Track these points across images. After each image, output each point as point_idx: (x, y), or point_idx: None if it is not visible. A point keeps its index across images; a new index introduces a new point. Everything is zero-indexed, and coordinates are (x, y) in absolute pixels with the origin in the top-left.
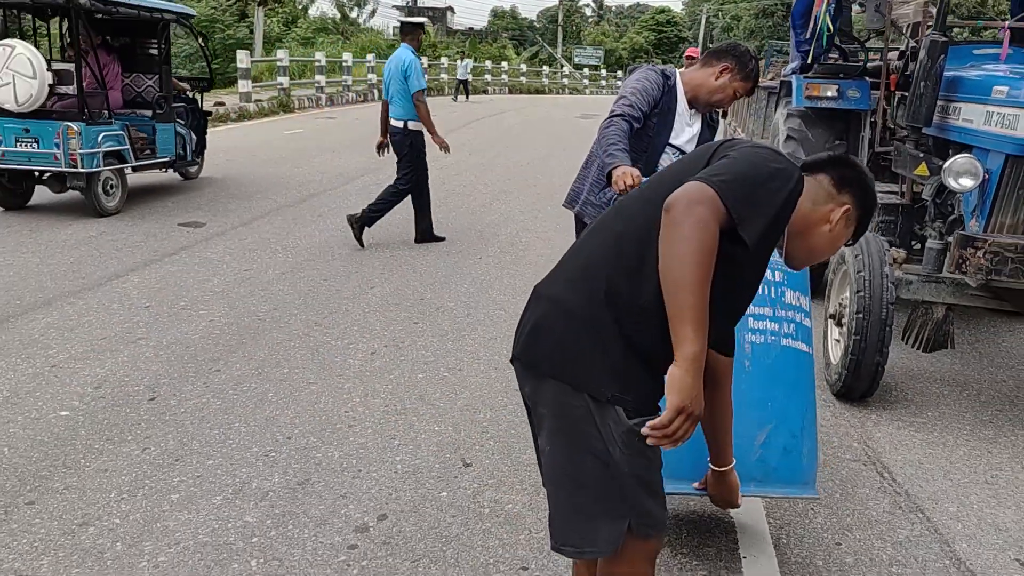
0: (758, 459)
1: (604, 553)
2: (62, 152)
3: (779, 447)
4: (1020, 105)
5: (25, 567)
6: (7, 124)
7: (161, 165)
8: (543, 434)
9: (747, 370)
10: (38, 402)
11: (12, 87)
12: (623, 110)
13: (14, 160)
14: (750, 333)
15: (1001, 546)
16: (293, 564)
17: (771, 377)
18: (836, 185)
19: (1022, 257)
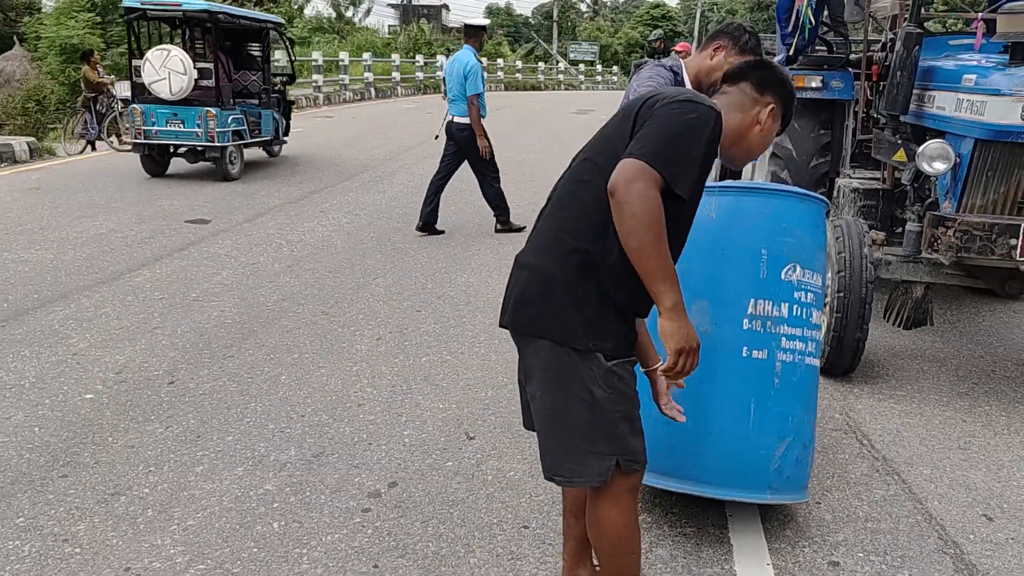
0: (775, 470)
1: (593, 483)
2: (203, 130)
3: (793, 458)
4: (987, 92)
5: (64, 531)
6: (160, 109)
7: (264, 142)
8: (532, 383)
9: (775, 387)
10: (63, 386)
11: (168, 81)
12: None
13: (164, 137)
14: (781, 352)
15: (970, 503)
16: (312, 526)
17: (794, 394)
18: (758, 89)
19: (989, 235)
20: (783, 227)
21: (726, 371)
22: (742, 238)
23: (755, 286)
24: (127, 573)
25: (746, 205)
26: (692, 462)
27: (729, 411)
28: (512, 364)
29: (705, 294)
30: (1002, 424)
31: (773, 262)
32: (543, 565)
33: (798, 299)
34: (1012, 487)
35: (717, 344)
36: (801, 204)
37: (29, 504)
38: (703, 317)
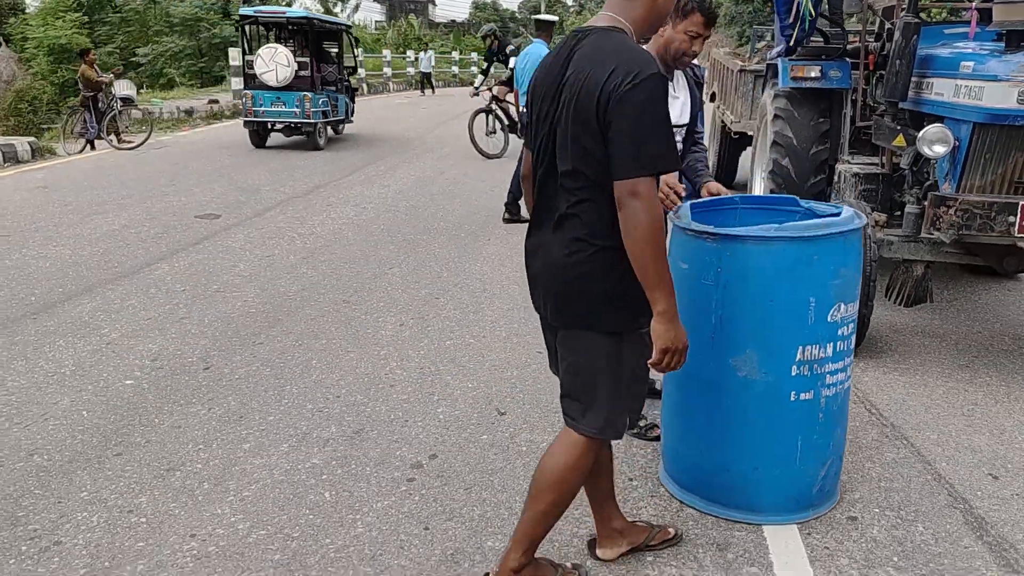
0: (817, 491)
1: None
2: (300, 111)
3: (833, 473)
4: (984, 78)
5: (127, 503)
6: (265, 94)
7: (339, 121)
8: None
9: (819, 421)
10: (103, 373)
11: (275, 72)
12: None
13: (268, 116)
14: (825, 388)
15: (976, 464)
16: (361, 495)
17: (836, 420)
18: None
19: (988, 213)
20: (831, 271)
21: (774, 416)
22: (791, 288)
23: (803, 334)
24: (193, 539)
25: (792, 254)
26: (742, 495)
27: (777, 452)
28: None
29: (753, 344)
30: (1002, 393)
31: (820, 307)
32: (581, 524)
33: (841, 335)
34: (1015, 449)
35: (765, 391)
36: (845, 241)
37: (90, 480)
38: (751, 367)
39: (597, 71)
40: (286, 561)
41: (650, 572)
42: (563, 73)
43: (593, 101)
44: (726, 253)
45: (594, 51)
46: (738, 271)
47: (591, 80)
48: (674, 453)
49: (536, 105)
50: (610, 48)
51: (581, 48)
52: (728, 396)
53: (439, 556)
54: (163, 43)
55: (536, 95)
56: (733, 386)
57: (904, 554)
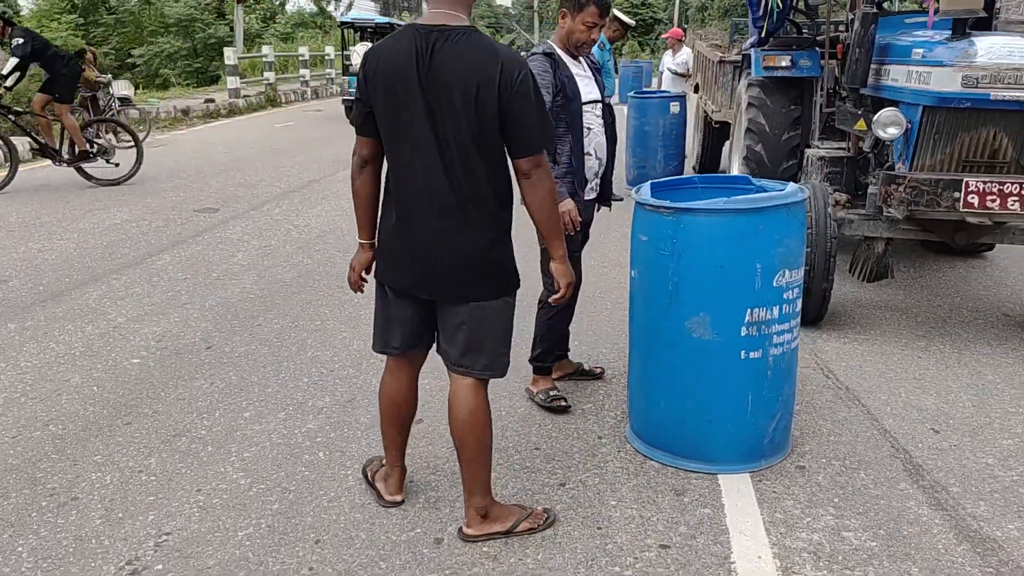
0: (768, 442)
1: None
2: None
3: (783, 427)
4: (932, 64)
5: (137, 464)
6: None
7: None
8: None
9: (768, 378)
10: (111, 353)
11: None
12: None
13: None
14: (773, 348)
15: (920, 420)
16: (353, 454)
17: (783, 377)
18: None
19: (935, 190)
20: (775, 239)
21: (726, 373)
22: (738, 256)
23: (751, 297)
24: (199, 493)
25: (740, 225)
26: (699, 447)
27: (730, 406)
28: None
29: (706, 308)
30: (953, 359)
31: (766, 273)
32: (552, 476)
33: (786, 298)
34: (958, 407)
35: (718, 351)
36: (788, 213)
37: (103, 445)
38: (704, 329)
39: (489, 67)
40: (284, 510)
41: (613, 514)
42: (426, 66)
43: (493, 94)
44: (680, 225)
45: (471, 49)
46: (691, 241)
47: (485, 75)
48: (638, 412)
49: (389, 102)
50: (487, 46)
51: (448, 45)
52: (684, 356)
53: (423, 503)
54: (158, 44)
55: (385, 85)
56: (689, 347)
57: (844, 496)
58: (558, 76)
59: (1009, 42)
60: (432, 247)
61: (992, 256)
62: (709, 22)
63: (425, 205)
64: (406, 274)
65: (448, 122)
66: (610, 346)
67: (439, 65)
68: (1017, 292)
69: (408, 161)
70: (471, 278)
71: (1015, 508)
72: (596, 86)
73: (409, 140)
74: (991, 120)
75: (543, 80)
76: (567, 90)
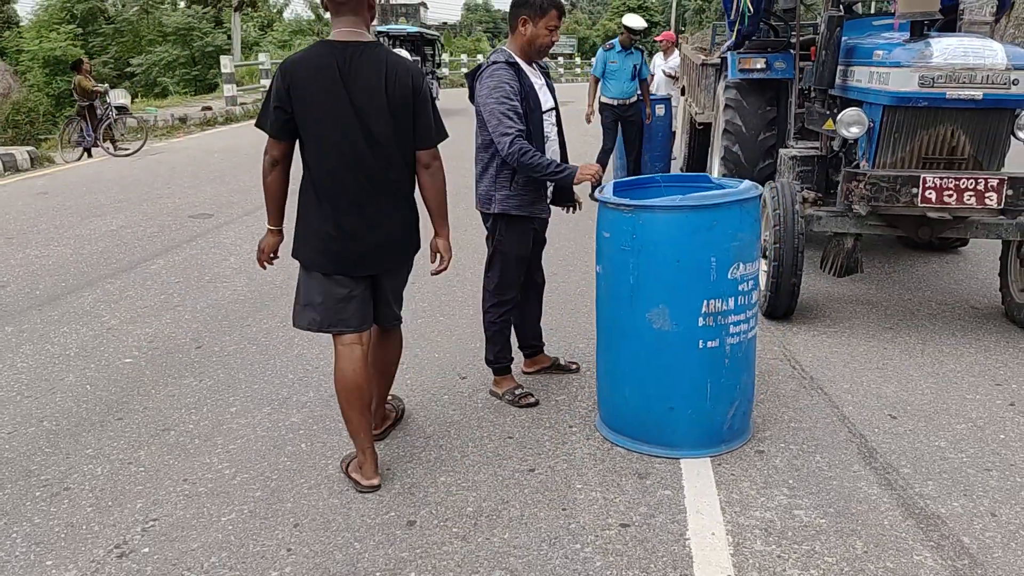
0: (727, 428)
1: None
2: None
3: (741, 413)
4: (891, 65)
5: (127, 457)
6: None
7: None
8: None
9: (726, 366)
10: (105, 353)
11: None
12: (514, 131)
13: None
14: (730, 337)
15: (879, 407)
16: (333, 445)
17: (741, 366)
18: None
19: (894, 186)
20: (728, 234)
21: (685, 362)
22: (694, 250)
23: (707, 289)
24: (185, 483)
25: (694, 221)
26: (662, 433)
27: (689, 393)
28: None
29: (665, 300)
30: (918, 350)
31: (721, 266)
32: (523, 463)
33: (742, 290)
34: (916, 395)
35: (677, 340)
36: (741, 209)
37: (95, 440)
38: (664, 320)
39: (401, 76)
40: (266, 497)
41: (578, 497)
42: (349, 75)
43: (407, 98)
44: (639, 222)
45: (383, 61)
46: (649, 237)
47: (400, 83)
48: (605, 401)
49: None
50: (394, 59)
51: (363, 58)
52: (646, 346)
53: (398, 489)
54: (156, 53)
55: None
56: (650, 337)
57: (799, 478)
58: (523, 83)
59: (964, 43)
60: (372, 229)
61: (965, 251)
62: (707, 24)
63: (362, 194)
64: (348, 256)
65: (374, 120)
66: (587, 341)
67: (358, 73)
68: (986, 286)
69: (339, 158)
70: (403, 249)
71: (961, 487)
72: (549, 92)
73: (338, 139)
74: (948, 118)
75: (511, 87)
76: (530, 100)
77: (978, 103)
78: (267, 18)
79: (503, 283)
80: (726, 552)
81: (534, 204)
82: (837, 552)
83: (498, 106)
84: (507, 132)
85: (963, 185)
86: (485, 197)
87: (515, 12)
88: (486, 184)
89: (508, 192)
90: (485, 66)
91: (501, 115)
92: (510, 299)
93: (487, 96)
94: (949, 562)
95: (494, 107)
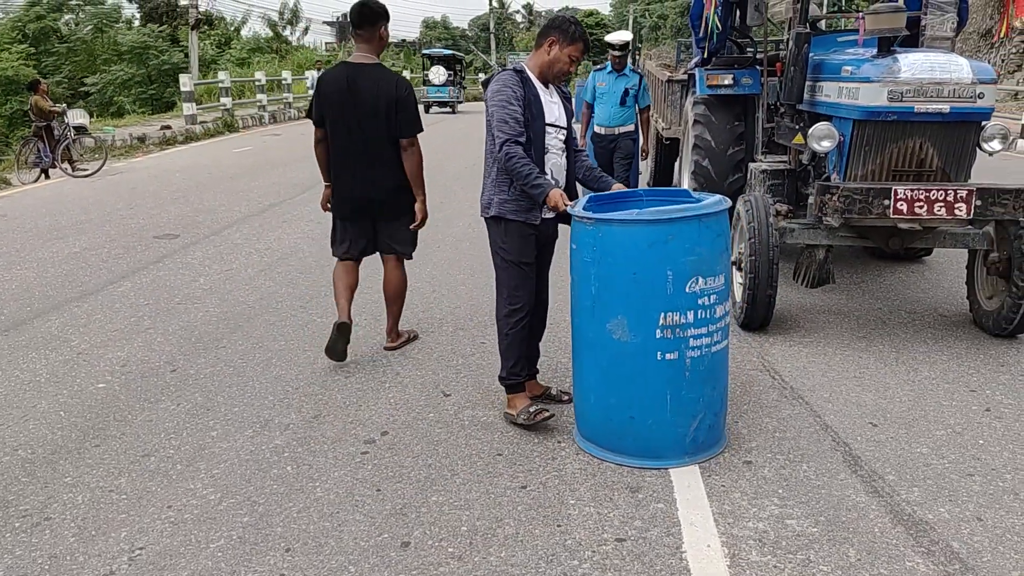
0: (690, 440)
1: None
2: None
3: (706, 427)
4: (860, 80)
5: (108, 484)
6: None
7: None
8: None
9: (686, 379)
10: (76, 379)
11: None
12: (509, 135)
13: (432, 96)
14: (690, 350)
15: (860, 415)
16: (320, 466)
17: (703, 379)
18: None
19: (866, 198)
20: (686, 248)
21: (644, 372)
22: (649, 264)
23: (664, 302)
24: (170, 510)
25: (650, 234)
26: (623, 441)
27: (649, 403)
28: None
29: (624, 312)
30: (892, 357)
31: (678, 279)
32: (514, 479)
33: (702, 304)
34: (895, 402)
35: (636, 351)
36: (699, 224)
37: (73, 467)
38: (623, 331)
39: (386, 86)
40: (254, 522)
41: (572, 512)
42: (354, 87)
43: (391, 101)
44: (599, 234)
45: (381, 75)
46: (608, 249)
47: (387, 90)
48: (577, 409)
49: (331, 106)
50: (388, 74)
51: (365, 74)
52: (608, 356)
53: (389, 510)
54: (112, 72)
55: (331, 100)
56: (611, 347)
57: (788, 487)
58: (527, 91)
59: (931, 58)
60: (365, 191)
61: (930, 261)
62: (662, 41)
63: (359, 166)
64: (353, 206)
65: (367, 116)
66: (570, 355)
67: (359, 84)
68: (952, 294)
69: (346, 141)
70: (392, 203)
71: (946, 492)
72: (564, 113)
73: (345, 128)
74: (916, 131)
75: (511, 92)
76: (532, 108)
77: (945, 116)
78: (224, 36)
79: (511, 288)
80: (723, 564)
81: (530, 211)
82: (831, 560)
83: (498, 110)
84: (500, 135)
85: (933, 196)
86: (486, 203)
87: (546, 31)
88: (488, 189)
89: (506, 196)
90: (496, 73)
91: (499, 120)
92: (521, 306)
93: (490, 100)
94: (941, 567)
95: (494, 110)
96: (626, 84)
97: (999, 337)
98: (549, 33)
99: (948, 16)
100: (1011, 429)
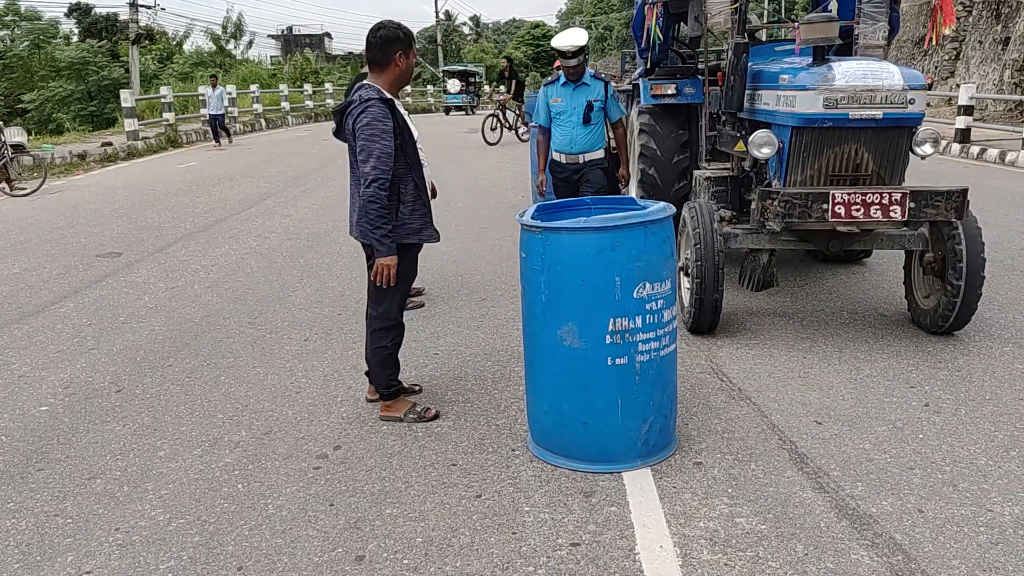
0: (642, 443)
1: None
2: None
3: (656, 429)
4: (797, 88)
5: (52, 508)
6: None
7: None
8: None
9: (636, 383)
10: (18, 402)
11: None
12: (380, 174)
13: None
14: (639, 355)
15: (805, 414)
16: (271, 483)
17: (653, 383)
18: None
19: (806, 202)
20: (632, 255)
21: (594, 378)
22: (597, 270)
23: (612, 308)
24: (118, 532)
25: (597, 242)
26: (576, 447)
27: (601, 408)
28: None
29: (574, 318)
30: (835, 357)
31: (626, 285)
32: (469, 489)
33: (649, 309)
34: (839, 400)
35: (586, 357)
36: (645, 231)
37: (15, 493)
38: (573, 337)
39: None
40: (205, 542)
41: (526, 519)
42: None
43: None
44: (547, 242)
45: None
46: (557, 256)
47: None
48: (530, 416)
49: None
50: None
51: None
52: (559, 362)
53: (343, 524)
54: (50, 88)
55: None
56: (562, 354)
57: (737, 486)
58: (396, 118)
59: (864, 66)
60: None
61: (869, 263)
62: (608, 52)
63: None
64: None
65: None
66: (521, 363)
67: None
68: (891, 294)
69: None
70: None
71: (888, 486)
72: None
73: None
74: (852, 137)
75: (386, 125)
76: (405, 134)
77: (879, 122)
78: (166, 50)
79: (392, 308)
80: (675, 564)
81: (421, 232)
82: (780, 556)
83: (369, 143)
84: (372, 171)
85: (869, 200)
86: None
87: (390, 48)
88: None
89: (395, 223)
90: (357, 103)
91: (375, 157)
92: (397, 323)
93: (361, 133)
94: (884, 559)
95: (365, 144)
96: (588, 96)
97: (936, 335)
98: (395, 48)
99: (880, 25)
100: (949, 423)
